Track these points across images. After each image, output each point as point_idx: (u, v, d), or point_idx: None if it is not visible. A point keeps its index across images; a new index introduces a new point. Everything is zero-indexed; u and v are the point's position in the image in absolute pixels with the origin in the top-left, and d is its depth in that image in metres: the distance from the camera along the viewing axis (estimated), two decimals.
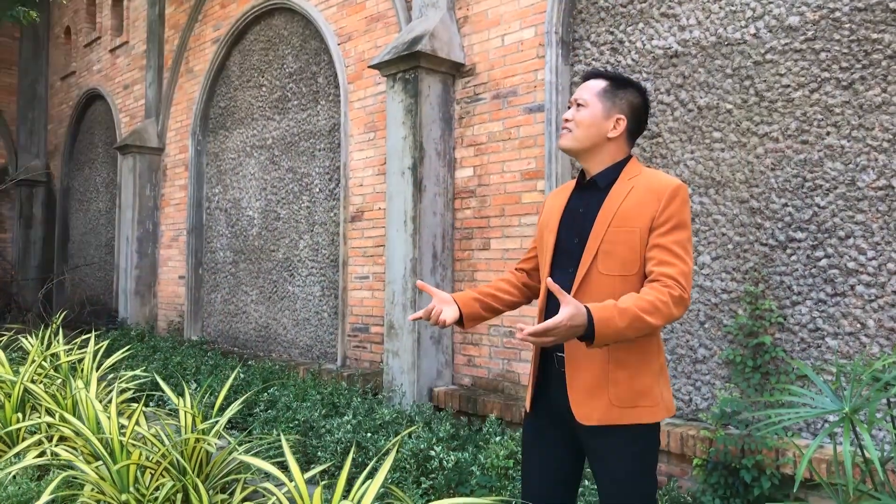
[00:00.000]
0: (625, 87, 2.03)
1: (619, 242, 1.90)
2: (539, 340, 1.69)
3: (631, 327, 1.74)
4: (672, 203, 1.90)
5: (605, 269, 1.91)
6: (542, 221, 2.18)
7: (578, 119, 2.01)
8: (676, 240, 1.88)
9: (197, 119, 7.74)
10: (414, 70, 4.73)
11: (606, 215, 1.93)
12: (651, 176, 1.98)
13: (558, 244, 2.04)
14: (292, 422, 4.35)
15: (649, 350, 1.95)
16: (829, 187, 3.27)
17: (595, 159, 2.02)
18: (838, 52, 3.25)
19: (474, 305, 2.13)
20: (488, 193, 4.66)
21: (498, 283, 2.22)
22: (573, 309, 1.67)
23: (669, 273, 1.83)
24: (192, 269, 7.68)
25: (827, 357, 3.25)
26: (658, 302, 1.78)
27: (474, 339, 4.69)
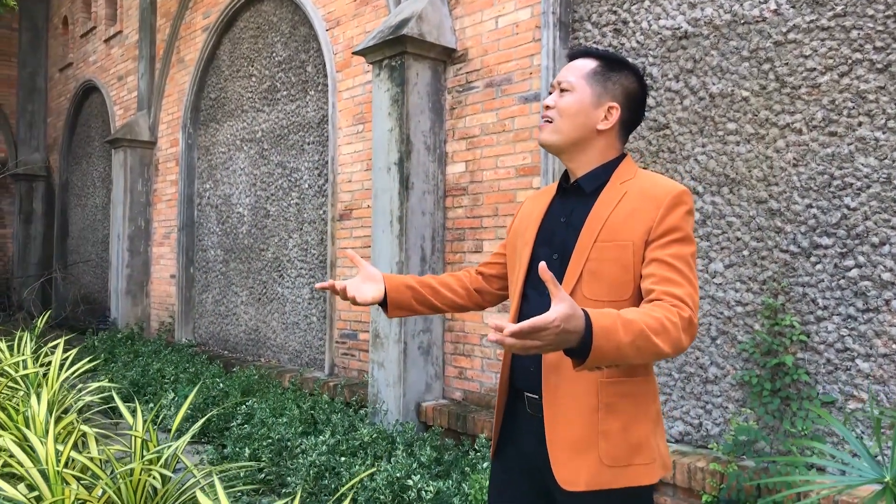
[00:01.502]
0: (619, 68, 1.63)
1: (607, 260, 1.52)
2: (520, 344, 1.23)
3: (634, 346, 1.33)
4: (673, 212, 1.51)
5: (591, 294, 1.52)
6: (516, 228, 1.79)
7: (562, 106, 1.61)
8: (678, 254, 1.49)
9: (187, 111, 7.41)
10: (400, 56, 4.34)
11: (593, 227, 1.55)
12: (648, 180, 1.59)
13: (534, 260, 1.65)
14: (266, 439, 4.00)
15: (646, 392, 1.56)
16: (860, 186, 2.84)
17: (581, 158, 1.63)
18: (872, 29, 2.81)
19: (405, 293, 1.79)
20: (481, 191, 4.26)
21: (446, 279, 1.87)
22: (568, 308, 1.24)
23: (675, 293, 1.44)
24: (183, 267, 7.37)
25: (857, 382, 2.83)
26: (667, 321, 1.38)
27: (466, 349, 4.31)
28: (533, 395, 1.59)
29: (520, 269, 1.68)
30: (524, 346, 1.25)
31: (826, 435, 2.89)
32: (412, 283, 1.79)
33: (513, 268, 1.75)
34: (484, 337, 4.20)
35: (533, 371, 1.58)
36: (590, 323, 1.29)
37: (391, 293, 1.75)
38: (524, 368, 1.63)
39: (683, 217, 1.52)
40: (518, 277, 1.68)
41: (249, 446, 4.00)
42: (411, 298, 1.78)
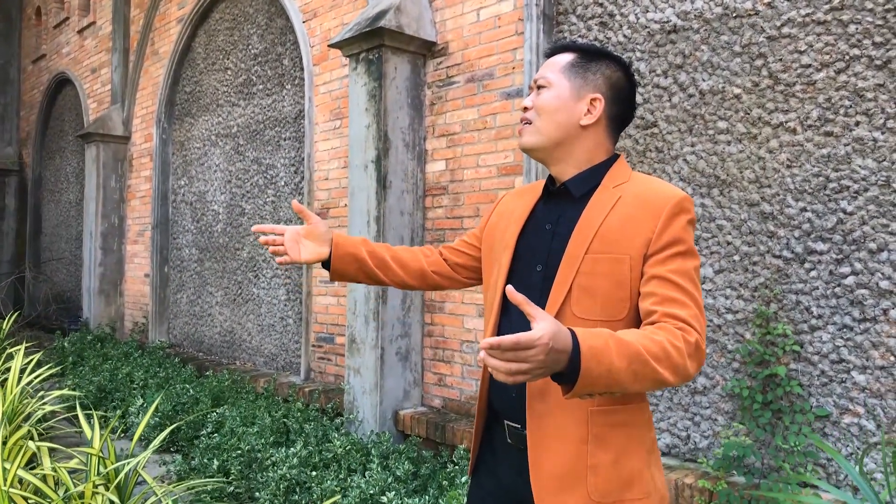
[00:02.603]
0: (598, 58, 1.47)
1: (600, 275, 1.35)
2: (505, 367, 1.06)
3: (631, 371, 1.17)
4: (674, 222, 1.35)
5: (582, 312, 1.35)
6: (494, 224, 1.62)
7: (540, 104, 1.46)
8: (681, 270, 1.33)
9: (162, 105, 7.18)
10: (378, 49, 4.16)
11: (583, 236, 1.38)
12: (644, 184, 1.42)
13: (514, 271, 1.48)
14: (236, 450, 3.82)
15: (639, 421, 1.40)
16: (857, 189, 2.69)
17: (567, 159, 1.46)
18: (871, 23, 2.67)
19: (351, 265, 1.67)
20: (462, 190, 4.09)
21: (402, 255, 1.73)
22: (553, 325, 1.09)
23: (679, 315, 1.28)
24: (158, 266, 7.15)
25: (853, 395, 2.69)
26: (670, 346, 1.21)
27: (445, 355, 4.15)
28: (514, 425, 1.43)
29: (498, 276, 1.50)
30: (509, 370, 1.08)
31: (819, 451, 2.75)
32: (362, 256, 1.66)
33: (489, 270, 1.58)
34: (464, 343, 4.04)
35: (515, 396, 1.41)
36: (577, 342, 1.13)
37: (336, 262, 1.65)
38: (504, 392, 1.46)
39: (685, 227, 1.36)
40: (496, 286, 1.51)
41: (218, 458, 3.82)
42: (358, 271, 1.68)
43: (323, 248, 1.62)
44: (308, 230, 1.62)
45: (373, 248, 1.68)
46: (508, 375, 1.08)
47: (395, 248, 1.72)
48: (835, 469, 2.73)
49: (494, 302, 1.50)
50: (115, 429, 4.69)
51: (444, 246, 1.74)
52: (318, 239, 1.62)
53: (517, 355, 1.06)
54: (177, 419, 4.46)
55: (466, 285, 1.74)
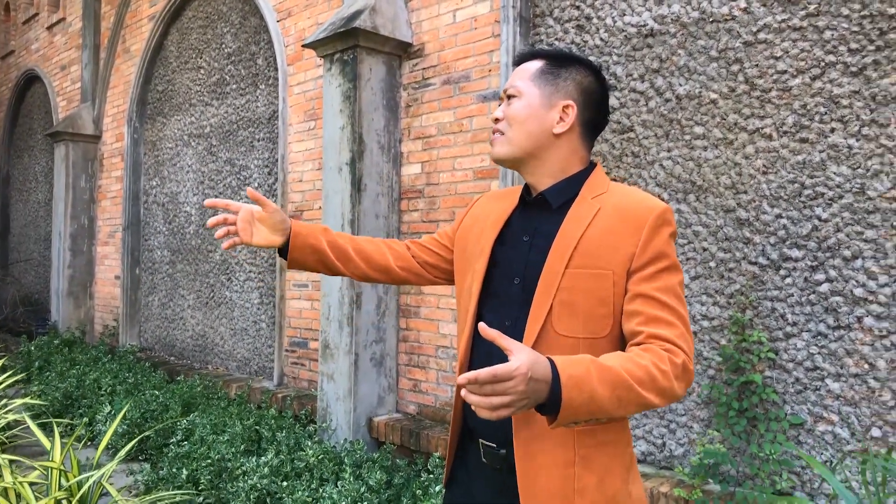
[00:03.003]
0: (568, 63, 1.43)
1: (582, 290, 1.31)
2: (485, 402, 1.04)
3: (615, 397, 1.15)
4: (658, 235, 1.32)
5: (564, 329, 1.31)
6: (468, 227, 1.56)
7: (511, 114, 1.41)
8: (667, 286, 1.29)
9: (133, 104, 7.03)
10: (353, 50, 4.09)
11: (563, 249, 1.33)
12: (624, 195, 1.38)
13: (490, 281, 1.43)
14: (206, 459, 3.73)
15: (622, 439, 1.37)
16: (832, 196, 2.69)
17: (541, 169, 1.42)
18: (847, 30, 2.66)
19: (309, 257, 1.56)
20: (438, 194, 4.04)
21: (366, 248, 1.62)
22: (530, 355, 1.07)
23: (665, 335, 1.25)
24: (129, 268, 7.00)
25: (827, 403, 2.68)
26: (655, 370, 1.19)
27: (421, 361, 4.09)
28: (489, 444, 1.38)
29: (473, 283, 1.44)
30: (490, 405, 1.05)
31: (794, 458, 2.74)
32: (322, 246, 1.56)
33: (462, 275, 1.52)
34: (440, 348, 3.99)
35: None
36: (556, 372, 1.10)
37: (294, 252, 1.55)
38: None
39: (668, 241, 1.33)
40: (471, 292, 1.45)
41: (187, 467, 3.73)
42: (317, 262, 1.58)
43: (276, 237, 1.51)
44: (262, 216, 1.50)
45: (333, 239, 1.58)
46: (491, 411, 1.05)
47: (358, 238, 1.63)
48: (809, 477, 2.72)
49: (469, 309, 1.44)
50: (82, 437, 4.58)
51: (412, 241, 1.66)
52: (274, 227, 1.51)
53: (495, 388, 1.04)
54: (145, 427, 4.36)
55: (434, 283, 1.67)
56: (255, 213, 1.50)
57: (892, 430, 2.53)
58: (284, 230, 1.52)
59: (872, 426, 2.57)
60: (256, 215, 1.50)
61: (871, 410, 2.58)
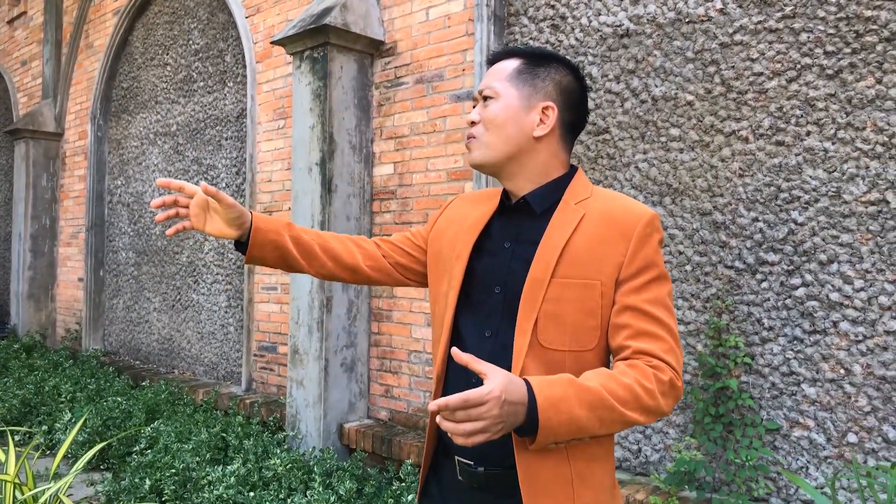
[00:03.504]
0: (546, 62, 1.36)
1: (569, 301, 1.24)
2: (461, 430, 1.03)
3: (596, 418, 1.13)
4: (647, 244, 1.27)
5: (549, 342, 1.24)
6: (441, 229, 1.47)
7: (488, 117, 1.34)
8: (656, 298, 1.25)
9: (97, 101, 6.84)
10: (323, 47, 3.99)
11: (548, 258, 1.26)
12: (609, 200, 1.32)
13: (469, 289, 1.35)
14: (170, 468, 3.60)
15: (608, 453, 1.32)
16: (808, 200, 2.66)
17: (521, 173, 1.35)
18: (823, 32, 2.64)
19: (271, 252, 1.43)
20: (410, 195, 3.96)
21: (333, 246, 1.50)
22: (504, 378, 1.06)
23: (653, 351, 1.21)
24: (92, 270, 6.81)
25: (803, 408, 2.66)
26: (639, 388, 1.16)
27: (393, 366, 4.01)
28: (466, 461, 1.30)
29: (449, 289, 1.36)
30: (464, 431, 1.03)
31: (770, 464, 2.72)
32: (284, 243, 1.44)
33: (437, 279, 1.43)
34: (412, 353, 3.91)
35: None
36: (532, 393, 1.08)
37: (254, 249, 1.42)
38: None
39: (657, 249, 1.28)
40: (447, 299, 1.37)
41: (151, 477, 3.60)
42: (278, 259, 1.46)
43: (231, 230, 1.38)
44: (217, 210, 1.38)
45: (297, 235, 1.46)
46: (466, 437, 1.03)
47: (325, 234, 1.52)
48: (785, 483, 2.69)
49: (445, 317, 1.36)
50: (40, 446, 4.41)
51: (382, 239, 1.55)
52: (229, 222, 1.38)
53: (469, 414, 1.02)
54: (107, 435, 4.21)
55: (404, 284, 1.57)
56: (211, 202, 1.38)
57: (867, 436, 2.51)
58: (242, 225, 1.39)
59: (848, 432, 2.55)
60: (212, 205, 1.38)
61: (847, 416, 2.56)
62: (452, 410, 1.02)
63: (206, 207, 1.37)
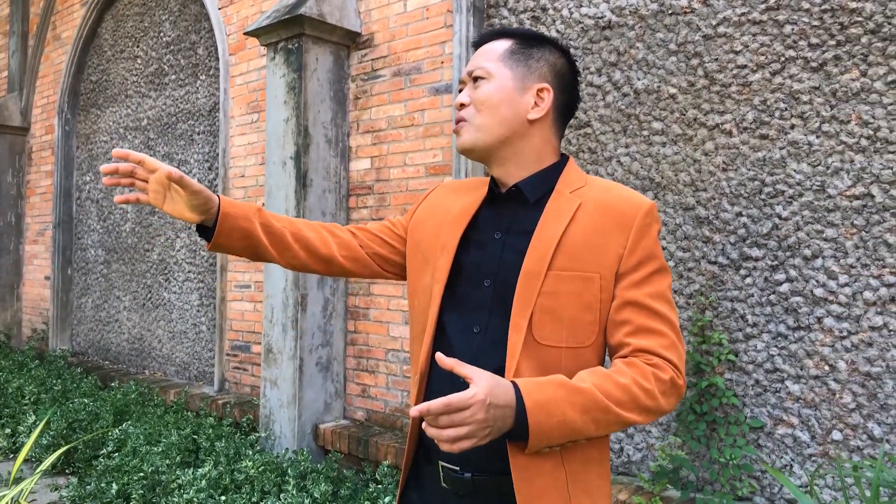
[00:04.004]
0: (539, 43, 1.29)
1: (566, 295, 1.18)
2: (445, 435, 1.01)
3: (590, 419, 1.09)
4: (647, 235, 1.21)
5: (546, 338, 1.18)
6: (421, 219, 1.39)
7: (480, 98, 1.25)
8: (657, 292, 1.19)
9: (65, 95, 6.64)
10: (298, 39, 3.89)
11: (543, 249, 1.19)
12: (606, 189, 1.26)
13: (455, 284, 1.27)
14: (138, 472, 3.48)
15: (604, 457, 1.26)
16: (792, 194, 2.63)
17: (513, 159, 1.27)
18: (807, 24, 2.60)
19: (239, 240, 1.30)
20: (388, 190, 3.87)
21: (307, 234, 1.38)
22: (489, 381, 1.03)
23: (653, 348, 1.16)
24: (60, 268, 6.61)
25: (787, 405, 2.62)
26: (637, 389, 1.12)
27: (370, 365, 3.92)
28: (451, 467, 1.22)
29: (433, 283, 1.28)
30: (448, 437, 1.00)
31: (754, 462, 2.68)
32: (254, 230, 1.31)
33: (417, 272, 1.35)
34: (390, 352, 3.82)
35: None
36: (520, 398, 1.05)
37: (220, 237, 1.28)
38: None
39: (657, 240, 1.22)
40: (430, 293, 1.28)
41: (118, 481, 3.47)
42: (245, 247, 1.33)
43: (193, 214, 1.25)
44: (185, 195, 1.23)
45: (268, 222, 1.34)
46: (451, 443, 1.00)
47: (298, 222, 1.39)
48: (769, 482, 2.65)
49: (429, 312, 1.28)
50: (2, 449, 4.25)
51: (358, 227, 1.45)
52: (193, 208, 1.24)
53: (452, 419, 0.99)
54: (73, 438, 4.07)
55: (381, 276, 1.46)
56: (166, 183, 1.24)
57: (852, 433, 2.48)
58: (208, 210, 1.26)
59: (833, 429, 2.52)
60: (175, 188, 1.24)
61: (832, 413, 2.52)
62: (435, 416, 0.99)
63: (168, 186, 1.23)
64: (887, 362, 2.42)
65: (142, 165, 1.22)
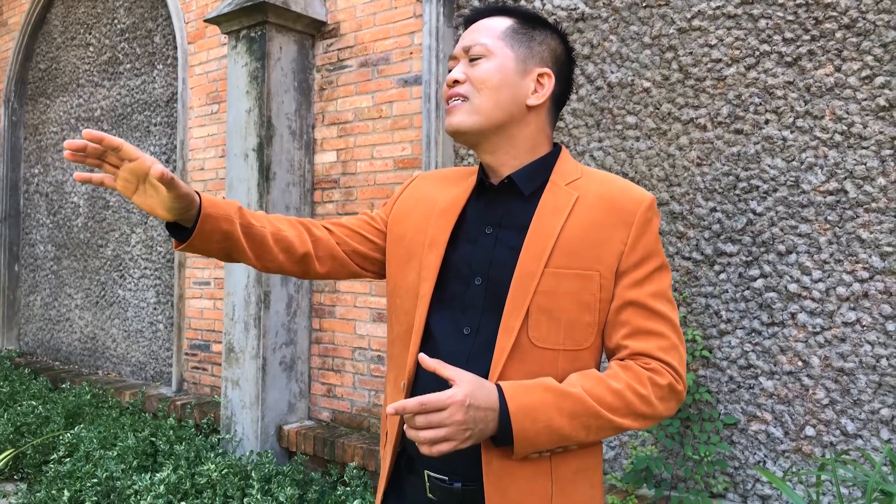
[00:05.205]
0: (541, 26, 1.22)
1: (564, 294, 1.11)
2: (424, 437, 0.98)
3: (580, 425, 1.04)
4: (648, 230, 1.15)
5: (542, 340, 1.11)
6: (403, 212, 1.29)
7: (479, 76, 1.16)
8: (658, 291, 1.14)
9: (11, 83, 6.35)
10: (261, 27, 3.75)
11: (540, 245, 1.12)
12: (604, 182, 1.19)
13: (442, 282, 1.18)
14: (92, 478, 3.32)
15: (597, 465, 1.19)
16: (767, 189, 2.61)
17: (506, 147, 1.19)
18: (781, 18, 2.59)
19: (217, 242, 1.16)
20: (355, 184, 3.77)
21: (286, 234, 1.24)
22: (470, 384, 1.01)
23: (651, 352, 1.10)
24: (6, 265, 6.32)
25: (760, 401, 2.61)
26: (632, 395, 1.07)
27: (335, 364, 3.81)
28: (439, 476, 1.14)
29: (422, 283, 1.19)
30: (426, 439, 0.97)
31: (727, 459, 2.66)
32: (235, 233, 1.17)
33: (399, 269, 1.25)
34: (356, 350, 3.72)
35: None
36: (504, 401, 1.01)
37: (197, 239, 1.14)
38: None
39: (657, 236, 1.16)
40: (418, 295, 1.19)
41: (70, 488, 3.31)
42: (223, 250, 1.19)
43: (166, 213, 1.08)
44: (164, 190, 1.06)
45: (249, 223, 1.20)
46: (430, 445, 0.97)
47: (276, 220, 1.26)
48: (742, 478, 2.64)
49: (416, 313, 1.18)
50: None
51: (333, 223, 1.33)
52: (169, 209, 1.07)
53: (429, 420, 0.96)
54: (21, 443, 3.87)
55: (358, 276, 1.35)
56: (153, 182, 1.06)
57: (825, 429, 2.48)
58: (186, 212, 1.10)
59: (806, 425, 2.52)
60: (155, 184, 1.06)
61: (805, 409, 2.52)
62: (411, 415, 0.96)
63: (144, 179, 1.06)
64: (860, 358, 2.42)
65: (118, 152, 1.04)
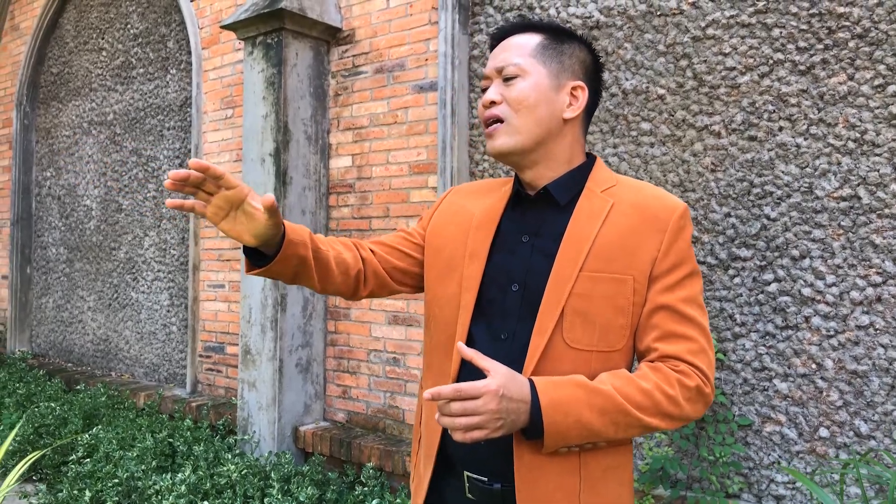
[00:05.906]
0: (569, 38, 1.27)
1: (599, 297, 1.15)
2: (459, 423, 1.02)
3: (609, 421, 1.08)
4: (681, 237, 1.20)
5: (576, 341, 1.15)
6: (439, 224, 1.33)
7: (515, 97, 1.20)
8: (689, 297, 1.18)
9: (23, 87, 6.41)
10: (278, 33, 3.80)
11: (575, 251, 1.17)
12: (639, 190, 1.23)
13: (483, 290, 1.23)
14: (112, 478, 3.37)
15: (627, 463, 1.23)
16: (781, 195, 2.66)
17: (545, 161, 1.24)
18: (795, 28, 2.64)
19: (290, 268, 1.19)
20: (370, 189, 3.82)
21: (344, 256, 1.28)
22: (504, 375, 1.05)
23: (680, 354, 1.15)
24: (19, 267, 6.38)
25: (774, 403, 2.66)
26: (660, 395, 1.11)
27: (351, 366, 3.86)
28: (479, 477, 1.19)
29: (464, 293, 1.23)
30: (459, 425, 1.02)
31: (742, 459, 2.71)
32: (307, 257, 1.20)
33: (438, 280, 1.29)
34: (372, 352, 3.77)
35: (483, 444, 1.14)
36: (536, 395, 1.06)
37: (277, 265, 1.16)
38: None
39: (689, 243, 1.21)
40: (460, 305, 1.23)
41: (91, 488, 3.36)
42: (291, 276, 1.22)
43: (250, 238, 1.10)
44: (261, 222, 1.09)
45: (318, 248, 1.23)
46: (464, 432, 1.02)
47: (334, 243, 1.30)
48: (757, 479, 2.69)
49: (459, 321, 1.22)
50: None
51: (374, 242, 1.37)
52: (257, 235, 1.09)
53: (465, 407, 1.01)
54: (40, 444, 3.92)
55: (395, 292, 1.39)
56: (251, 207, 1.08)
57: (839, 430, 2.53)
58: (270, 238, 1.12)
59: (820, 426, 2.56)
60: (249, 211, 1.08)
61: (819, 410, 2.57)
62: (447, 401, 1.01)
63: (237, 206, 1.08)
64: (873, 360, 2.47)
65: (219, 181, 1.06)
